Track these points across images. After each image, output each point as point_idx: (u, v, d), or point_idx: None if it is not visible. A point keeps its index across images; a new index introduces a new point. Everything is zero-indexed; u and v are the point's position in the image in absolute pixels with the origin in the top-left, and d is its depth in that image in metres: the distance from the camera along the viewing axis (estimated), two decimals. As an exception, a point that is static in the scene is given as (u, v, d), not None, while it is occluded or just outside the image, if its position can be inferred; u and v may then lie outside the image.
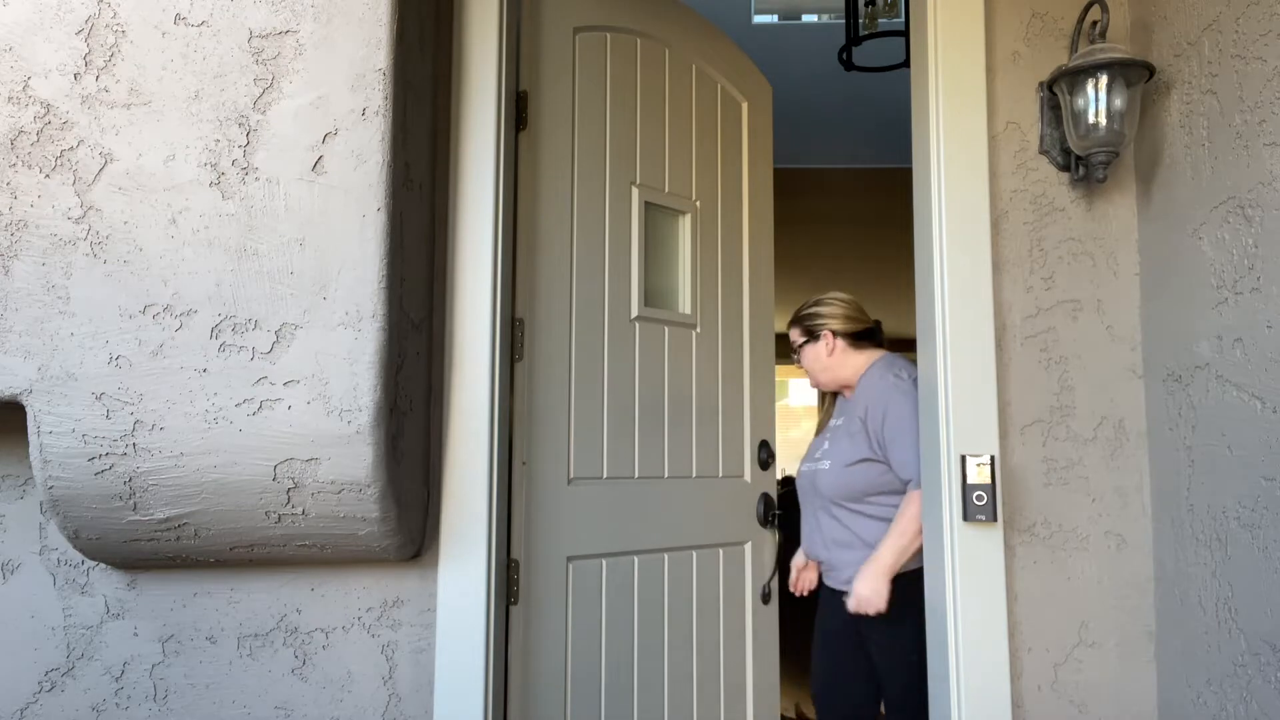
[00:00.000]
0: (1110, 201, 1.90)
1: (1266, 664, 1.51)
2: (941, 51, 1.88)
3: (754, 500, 2.33)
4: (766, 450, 2.36)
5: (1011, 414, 1.84)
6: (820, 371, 2.38)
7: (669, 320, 2.17)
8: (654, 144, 2.17)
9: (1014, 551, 1.81)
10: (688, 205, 2.24)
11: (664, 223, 2.21)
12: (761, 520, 2.33)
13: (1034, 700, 1.79)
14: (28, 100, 1.38)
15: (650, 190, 2.15)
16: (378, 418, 1.41)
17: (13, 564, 1.60)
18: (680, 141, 2.24)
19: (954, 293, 1.83)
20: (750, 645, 2.28)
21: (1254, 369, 1.54)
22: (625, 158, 2.10)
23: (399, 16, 1.46)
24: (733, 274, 2.35)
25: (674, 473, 2.14)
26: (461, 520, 1.67)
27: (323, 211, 1.41)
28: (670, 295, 2.22)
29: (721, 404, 2.27)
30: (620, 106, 2.10)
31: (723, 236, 2.32)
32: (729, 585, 2.25)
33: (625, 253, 2.08)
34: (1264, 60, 1.53)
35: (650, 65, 2.19)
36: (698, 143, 2.28)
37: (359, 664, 1.64)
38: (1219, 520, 1.63)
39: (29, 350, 1.36)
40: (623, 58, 2.12)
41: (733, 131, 2.39)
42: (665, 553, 2.10)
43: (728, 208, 2.35)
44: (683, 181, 2.24)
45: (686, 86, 2.28)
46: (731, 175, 2.37)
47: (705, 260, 2.27)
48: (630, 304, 2.09)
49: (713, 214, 2.30)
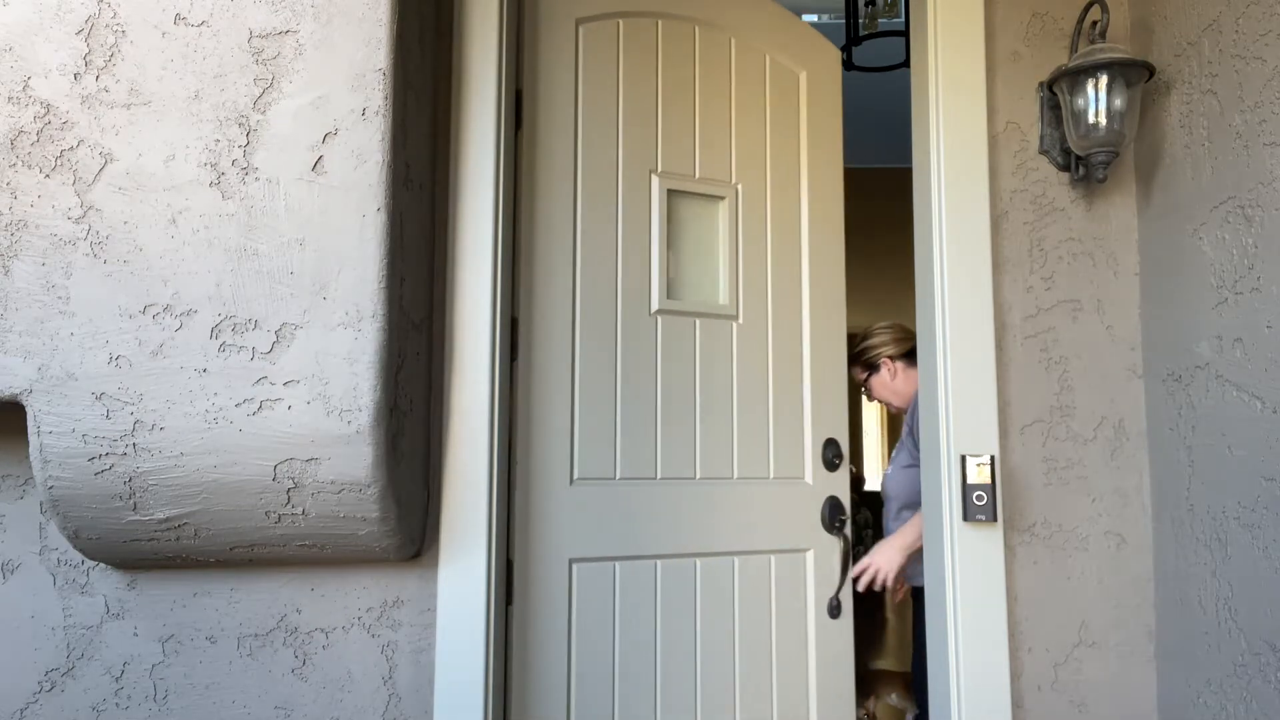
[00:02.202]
0: (1110, 201, 1.90)
1: (1266, 664, 1.51)
2: (941, 51, 1.88)
3: (818, 504, 2.15)
4: (834, 450, 2.18)
5: (1011, 414, 1.84)
6: (892, 397, 2.58)
7: (700, 312, 2.06)
8: (681, 128, 2.08)
9: (1014, 551, 1.81)
10: (725, 190, 2.11)
11: (695, 211, 2.10)
12: (827, 525, 2.15)
13: (1034, 700, 1.79)
14: (28, 100, 1.38)
15: (675, 178, 2.06)
16: (378, 418, 1.41)
17: (13, 564, 1.60)
18: (716, 123, 2.12)
19: (954, 293, 1.83)
20: (813, 661, 2.10)
21: (1254, 369, 1.54)
22: (643, 146, 2.04)
23: (399, 16, 1.46)
24: (788, 261, 2.18)
25: (707, 474, 2.04)
26: (462, 520, 1.67)
27: (323, 211, 1.41)
28: (704, 286, 2.10)
29: (772, 401, 2.12)
30: (636, 95, 2.04)
31: (773, 222, 2.17)
32: (784, 595, 2.09)
33: (643, 245, 2.01)
34: (1264, 60, 1.53)
35: (675, 46, 2.10)
36: (738, 122, 2.14)
37: (359, 664, 1.64)
38: (1219, 520, 1.63)
39: (29, 350, 1.36)
40: (639, 43, 2.05)
41: (786, 106, 2.22)
42: (696, 558, 2.00)
43: (780, 190, 2.18)
44: (719, 165, 2.11)
45: (723, 63, 2.14)
46: (785, 154, 2.20)
47: (750, 248, 2.13)
48: (650, 297, 2.01)
49: (759, 198, 2.15)
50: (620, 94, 2.03)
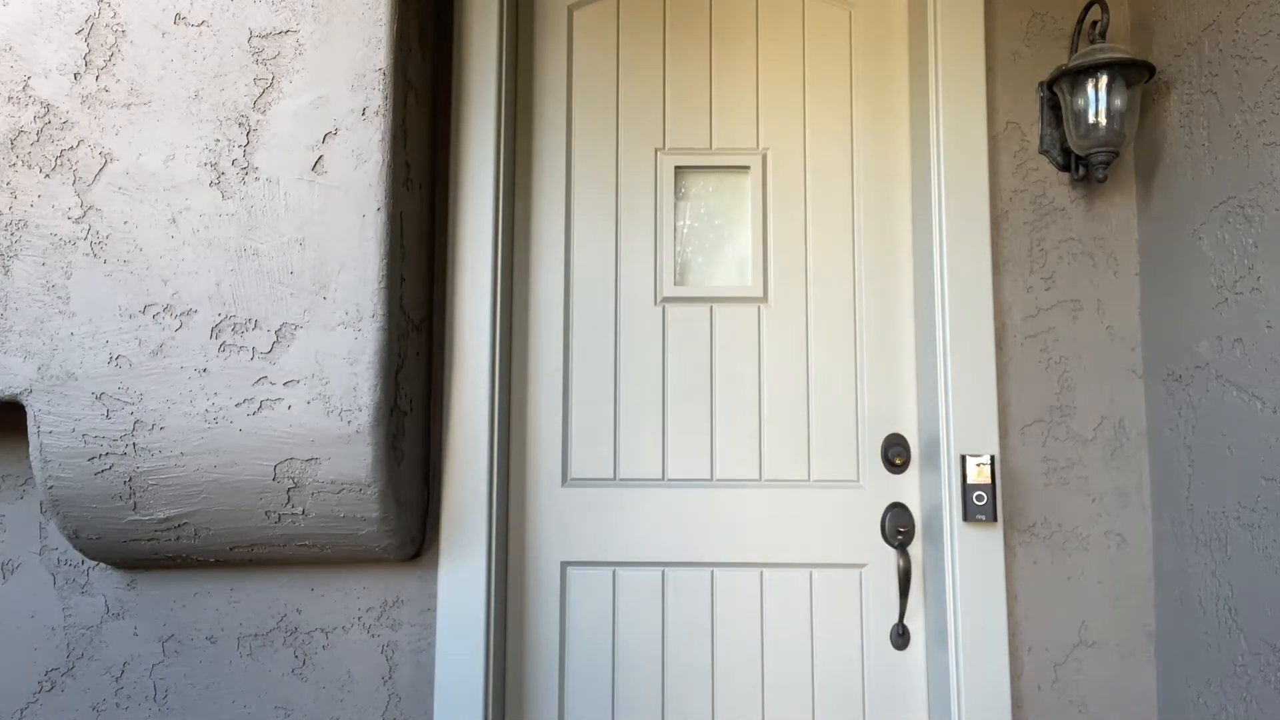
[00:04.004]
0: (1110, 201, 1.90)
1: (1266, 664, 1.51)
2: (941, 51, 1.88)
3: (876, 512, 1.88)
4: (900, 448, 1.88)
5: (1011, 414, 1.84)
6: None
7: (717, 297, 1.90)
8: (693, 97, 1.94)
9: (1014, 551, 1.81)
10: (750, 158, 1.93)
11: (712, 185, 1.95)
12: (889, 538, 1.85)
13: (1034, 700, 1.79)
14: (28, 100, 1.38)
15: (685, 153, 1.92)
16: (378, 418, 1.41)
17: (13, 564, 1.60)
18: (737, 83, 1.95)
19: (954, 293, 1.83)
20: (869, 699, 1.85)
21: (1254, 369, 1.54)
22: (645, 123, 1.94)
23: (399, 16, 1.46)
24: (834, 230, 1.93)
25: (726, 476, 1.88)
26: (462, 520, 1.67)
27: (323, 211, 1.41)
28: (723, 267, 1.93)
29: (810, 394, 1.90)
30: (636, 70, 1.95)
31: (812, 188, 1.93)
32: (828, 618, 1.86)
33: (648, 231, 1.91)
34: (1264, 60, 1.53)
35: (686, 9, 1.96)
36: (765, 81, 1.94)
37: (359, 664, 1.64)
38: (1219, 520, 1.63)
39: (29, 350, 1.36)
40: (640, 20, 1.97)
41: (831, 52, 1.97)
42: (711, 568, 1.86)
43: (822, 151, 1.94)
44: (741, 132, 1.93)
45: (747, 15, 1.96)
46: (829, 108, 1.95)
47: (781, 220, 1.92)
48: (655, 285, 1.90)
49: (794, 164, 1.94)
50: (618, 72, 1.95)
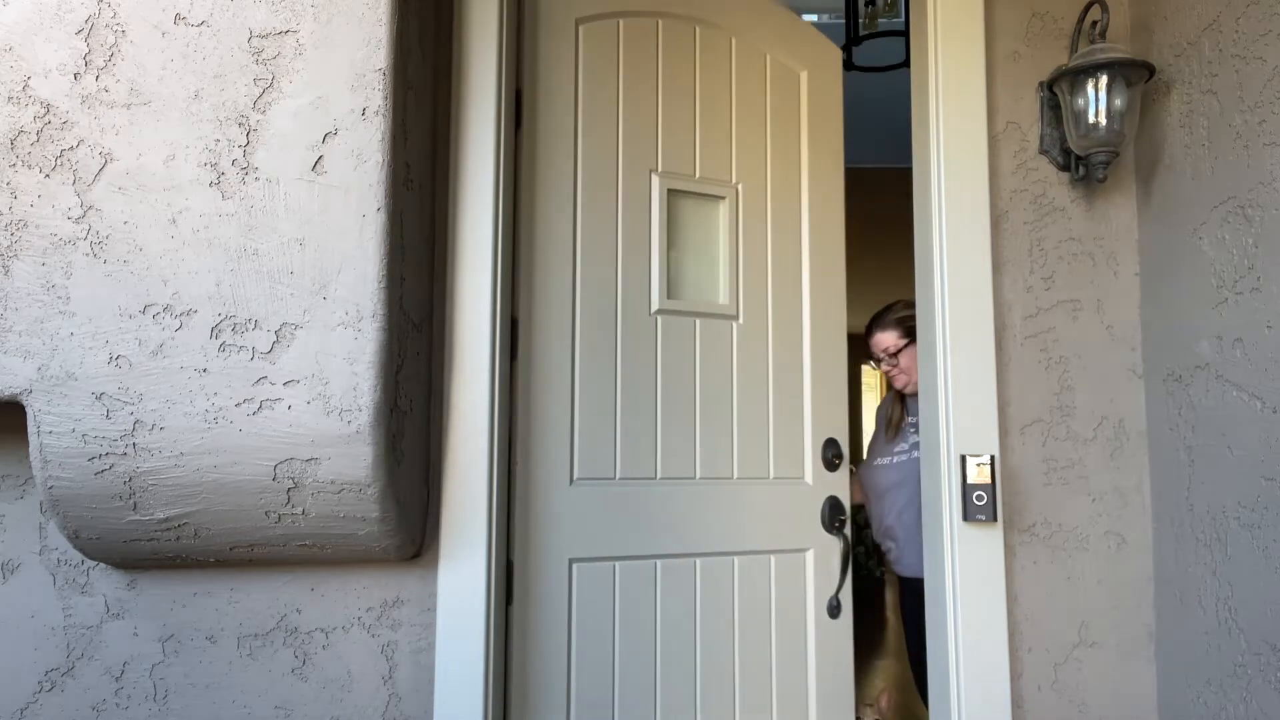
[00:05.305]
0: (1110, 201, 1.90)
1: (1266, 664, 1.51)
2: (941, 51, 1.88)
3: (818, 504, 2.16)
4: (834, 450, 2.19)
5: (1011, 414, 1.84)
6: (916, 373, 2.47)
7: (700, 312, 2.05)
8: (682, 128, 2.08)
9: (1014, 551, 1.81)
10: (726, 190, 2.11)
11: (695, 210, 2.10)
12: (827, 525, 2.15)
13: (1034, 700, 1.79)
14: (28, 100, 1.38)
15: (676, 177, 2.06)
16: (378, 417, 1.41)
17: (13, 564, 1.60)
18: (716, 122, 2.12)
19: (954, 292, 1.83)
20: (813, 661, 2.10)
21: (1254, 369, 1.54)
22: (643, 146, 2.03)
23: (399, 16, 1.46)
24: (788, 262, 2.17)
25: (707, 474, 2.03)
26: (462, 520, 1.67)
27: (323, 211, 1.41)
28: (704, 286, 2.10)
29: (772, 401, 2.12)
30: (636, 94, 2.03)
31: (774, 222, 2.17)
32: (784, 595, 2.10)
33: (643, 245, 2.01)
34: (1264, 60, 1.53)
35: (676, 45, 2.09)
36: (739, 122, 2.14)
37: (359, 664, 1.64)
38: (1219, 520, 1.63)
39: (29, 350, 1.36)
40: (639, 43, 2.05)
41: (787, 105, 2.22)
42: (696, 558, 2.00)
43: (781, 190, 2.18)
44: (719, 165, 2.11)
45: (724, 62, 2.14)
46: (785, 154, 2.20)
47: (750, 248, 2.13)
48: (650, 297, 2.00)
49: (760, 198, 2.15)
50: (620, 94, 2.02)
